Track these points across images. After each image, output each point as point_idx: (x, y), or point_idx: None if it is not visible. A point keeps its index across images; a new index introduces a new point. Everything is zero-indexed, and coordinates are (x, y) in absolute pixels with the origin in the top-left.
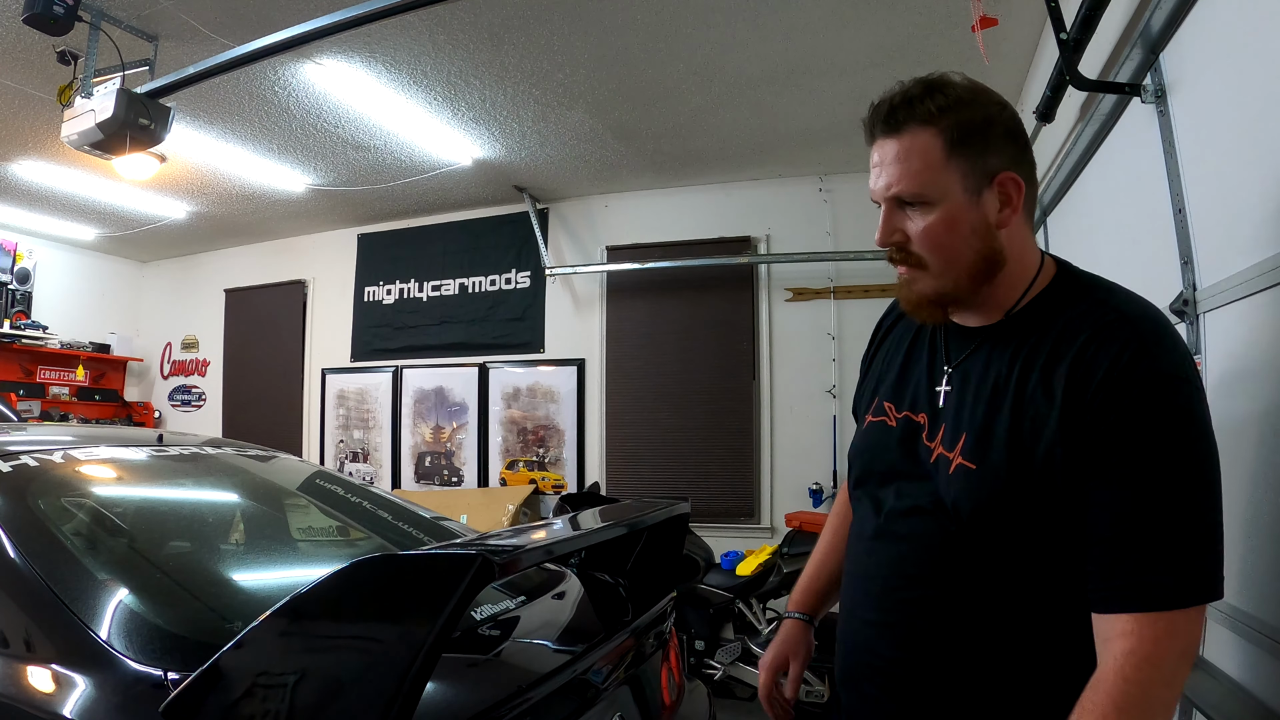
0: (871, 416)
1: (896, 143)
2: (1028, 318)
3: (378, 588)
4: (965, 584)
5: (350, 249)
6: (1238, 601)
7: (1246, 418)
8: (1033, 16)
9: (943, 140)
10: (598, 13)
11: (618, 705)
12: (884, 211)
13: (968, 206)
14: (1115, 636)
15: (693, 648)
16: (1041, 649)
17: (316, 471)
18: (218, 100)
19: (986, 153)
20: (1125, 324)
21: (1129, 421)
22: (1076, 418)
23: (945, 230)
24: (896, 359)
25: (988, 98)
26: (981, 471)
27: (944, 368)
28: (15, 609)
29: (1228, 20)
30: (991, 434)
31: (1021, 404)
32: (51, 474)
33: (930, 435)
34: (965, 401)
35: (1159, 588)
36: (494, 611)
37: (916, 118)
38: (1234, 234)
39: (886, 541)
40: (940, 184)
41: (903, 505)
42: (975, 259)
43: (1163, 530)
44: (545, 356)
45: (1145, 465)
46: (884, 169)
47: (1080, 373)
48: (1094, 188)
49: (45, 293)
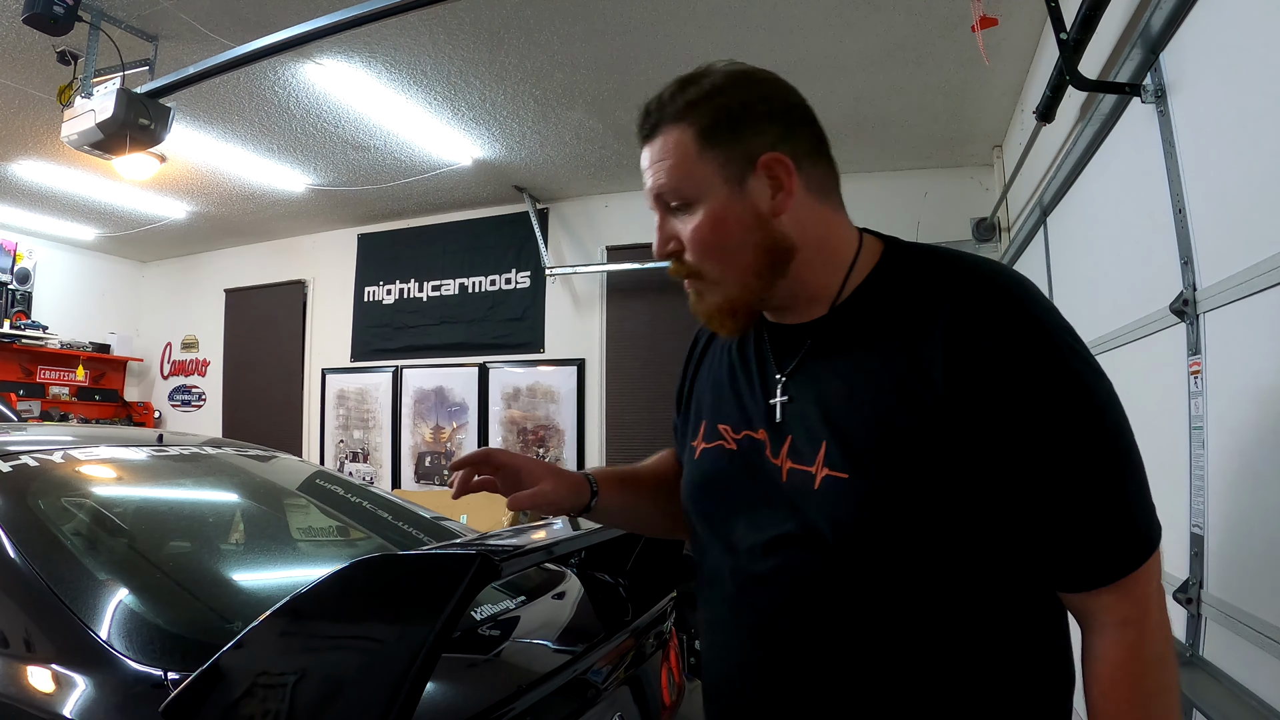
0: (704, 443)
1: (654, 144)
2: (864, 304)
3: (378, 588)
4: (858, 617)
5: (350, 249)
6: (1238, 601)
7: (1246, 418)
8: (1033, 16)
9: (694, 133)
10: (598, 12)
11: (618, 705)
12: (657, 220)
13: (732, 200)
14: (1103, 609)
15: (693, 648)
16: (958, 664)
17: (316, 471)
18: (218, 100)
19: (744, 138)
20: (990, 288)
21: (1037, 389)
22: (970, 397)
23: (712, 230)
24: (722, 376)
25: (746, 81)
26: (856, 480)
27: (776, 376)
28: (15, 609)
29: (1228, 20)
30: (860, 436)
31: (892, 396)
32: (51, 474)
33: (775, 451)
34: (812, 408)
35: (1123, 553)
36: (494, 611)
37: (668, 116)
38: (1234, 234)
39: (750, 587)
40: (697, 180)
41: (762, 538)
42: (755, 255)
43: (1105, 494)
44: (545, 356)
45: (1070, 427)
46: (647, 173)
47: (959, 349)
48: (1094, 188)
49: (45, 293)
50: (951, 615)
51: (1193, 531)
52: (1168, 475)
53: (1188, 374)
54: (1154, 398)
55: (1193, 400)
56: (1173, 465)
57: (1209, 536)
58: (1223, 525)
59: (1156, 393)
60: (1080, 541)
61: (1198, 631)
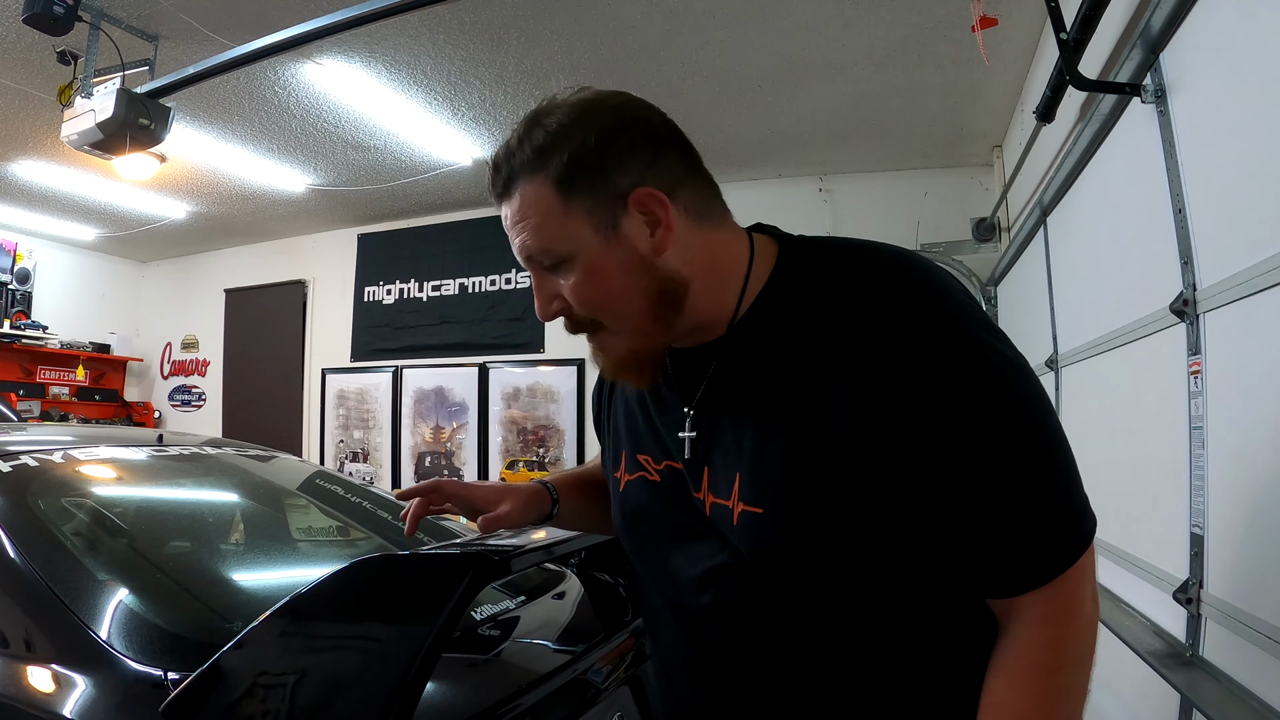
0: (627, 474)
1: (511, 202)
2: (761, 320)
3: (378, 588)
4: (795, 645)
5: (350, 249)
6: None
7: (1246, 418)
8: (1033, 16)
9: (552, 183)
10: (598, 13)
11: (618, 705)
12: (534, 281)
13: (608, 246)
14: (1027, 606)
15: None
16: (899, 682)
17: (316, 471)
18: (218, 100)
19: (609, 177)
20: (890, 286)
21: (951, 391)
22: (880, 413)
23: (594, 285)
24: (634, 405)
25: (595, 110)
26: (769, 514)
27: (684, 410)
28: (15, 609)
29: (1228, 20)
30: (767, 467)
31: (794, 422)
32: (51, 474)
33: (695, 485)
34: (724, 439)
35: (1055, 553)
36: (494, 611)
37: (520, 169)
38: (1234, 234)
39: (691, 621)
40: (566, 234)
41: (697, 571)
42: (645, 300)
43: (1033, 491)
44: (545, 356)
45: (989, 428)
46: (511, 233)
47: (864, 363)
48: (1094, 188)
49: (45, 293)
50: (887, 633)
51: (1193, 531)
52: (1168, 475)
53: (1188, 374)
54: (1154, 398)
55: (1193, 400)
56: (1173, 465)
57: (1209, 536)
58: (1223, 525)
59: (1156, 393)
60: (1009, 546)
61: (1198, 631)
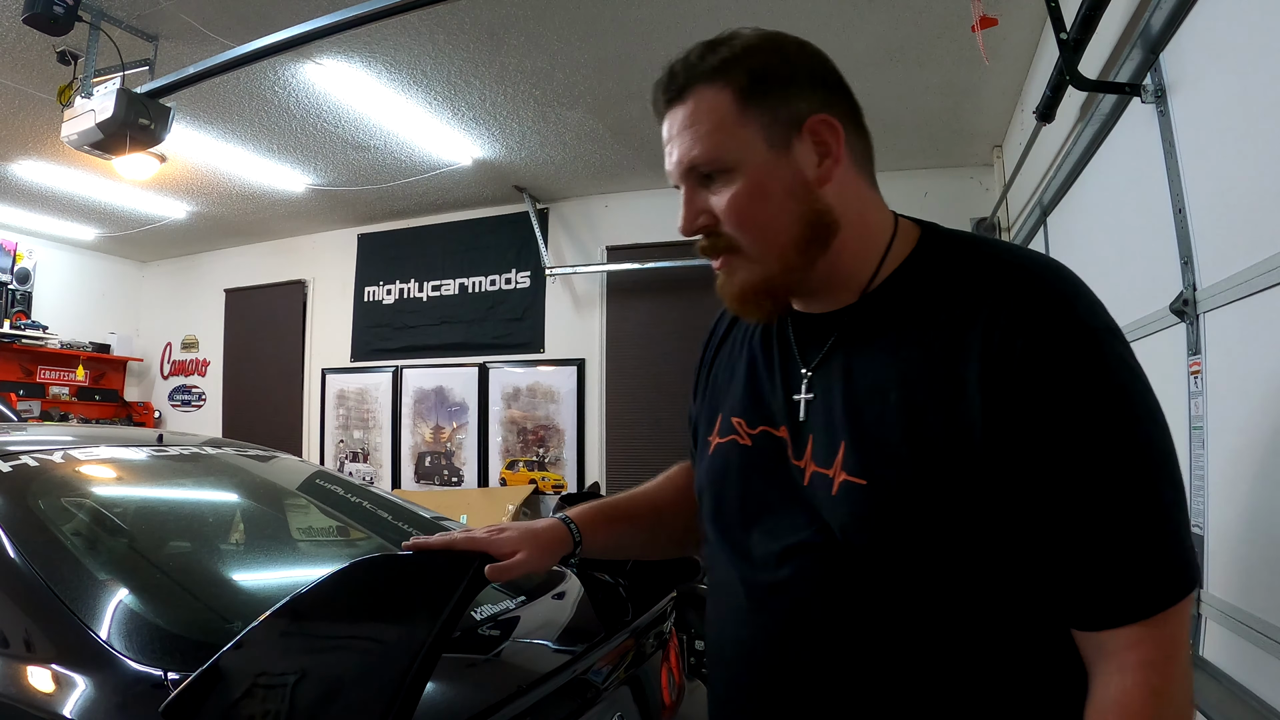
0: (718, 437)
1: (682, 109)
2: (896, 294)
3: (378, 588)
4: (869, 632)
5: (350, 249)
6: (1238, 601)
7: (1246, 418)
8: (1033, 16)
9: (732, 92)
10: (598, 12)
11: (618, 705)
12: (684, 194)
13: (776, 164)
14: (1125, 649)
15: (693, 648)
16: (971, 685)
17: (316, 471)
18: (218, 100)
19: (788, 98)
20: (1033, 284)
21: (1076, 400)
22: (1003, 406)
23: (754, 198)
24: (739, 366)
25: (782, 39)
26: (873, 487)
27: (801, 371)
28: (15, 609)
29: (1228, 20)
30: (880, 440)
31: (918, 400)
32: (51, 474)
33: (798, 453)
34: (835, 406)
35: (1160, 587)
36: (494, 611)
37: (700, 76)
38: (1234, 234)
39: (763, 597)
40: (738, 143)
41: (776, 547)
42: (799, 227)
43: (1146, 519)
44: (545, 356)
45: (1111, 443)
46: (674, 142)
47: (997, 352)
48: (1094, 188)
49: (45, 293)
50: (966, 635)
51: (1193, 531)
52: None
53: (1188, 374)
54: None
55: (1193, 400)
56: None
57: (1209, 536)
58: (1223, 525)
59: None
60: (1116, 568)
61: (1198, 631)
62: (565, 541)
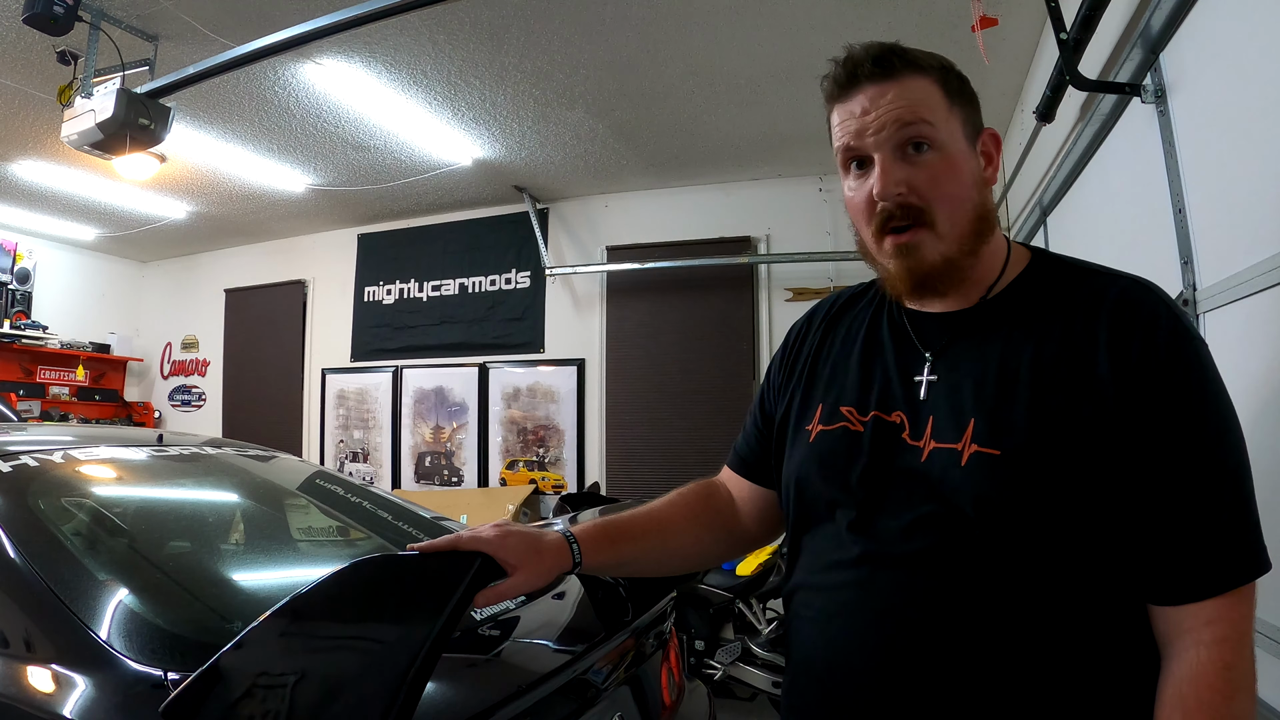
0: (822, 425)
1: (895, 85)
2: (1017, 300)
3: (378, 588)
4: (989, 602)
5: (350, 249)
6: None
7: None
8: (1033, 16)
9: (941, 88)
10: (598, 12)
11: (618, 705)
12: (880, 163)
13: (968, 155)
14: (1201, 625)
15: (693, 648)
16: (1094, 660)
17: (316, 471)
18: (218, 100)
19: (974, 108)
20: (1144, 296)
21: (1181, 397)
22: (1125, 391)
23: (957, 175)
24: (848, 359)
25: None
26: (1008, 457)
27: (925, 354)
28: (15, 609)
29: (1228, 20)
30: (1014, 413)
31: (1050, 378)
32: (51, 474)
33: (915, 433)
34: (962, 386)
35: (1237, 563)
36: (494, 611)
37: (910, 65)
38: (1234, 234)
39: (885, 569)
40: (949, 127)
41: (901, 521)
42: (977, 214)
43: (1231, 503)
44: (545, 356)
45: (1206, 437)
46: (883, 111)
47: (1119, 343)
48: (1094, 188)
49: (45, 293)
50: (1065, 607)
51: None
52: None
53: None
54: None
55: None
56: None
57: None
58: None
59: None
60: (1202, 543)
61: None
62: (566, 562)
